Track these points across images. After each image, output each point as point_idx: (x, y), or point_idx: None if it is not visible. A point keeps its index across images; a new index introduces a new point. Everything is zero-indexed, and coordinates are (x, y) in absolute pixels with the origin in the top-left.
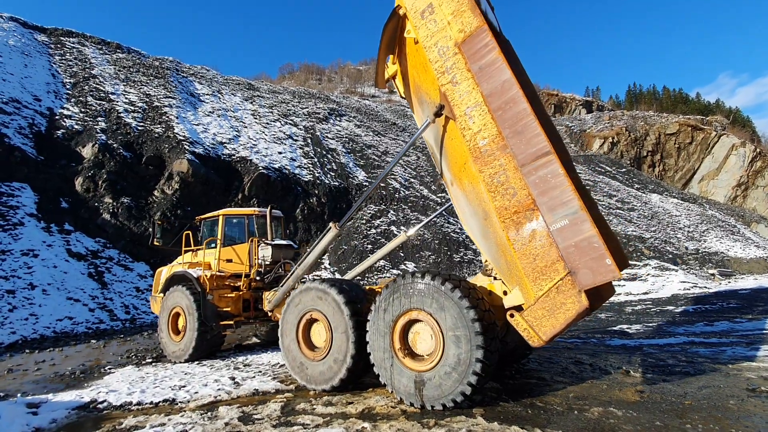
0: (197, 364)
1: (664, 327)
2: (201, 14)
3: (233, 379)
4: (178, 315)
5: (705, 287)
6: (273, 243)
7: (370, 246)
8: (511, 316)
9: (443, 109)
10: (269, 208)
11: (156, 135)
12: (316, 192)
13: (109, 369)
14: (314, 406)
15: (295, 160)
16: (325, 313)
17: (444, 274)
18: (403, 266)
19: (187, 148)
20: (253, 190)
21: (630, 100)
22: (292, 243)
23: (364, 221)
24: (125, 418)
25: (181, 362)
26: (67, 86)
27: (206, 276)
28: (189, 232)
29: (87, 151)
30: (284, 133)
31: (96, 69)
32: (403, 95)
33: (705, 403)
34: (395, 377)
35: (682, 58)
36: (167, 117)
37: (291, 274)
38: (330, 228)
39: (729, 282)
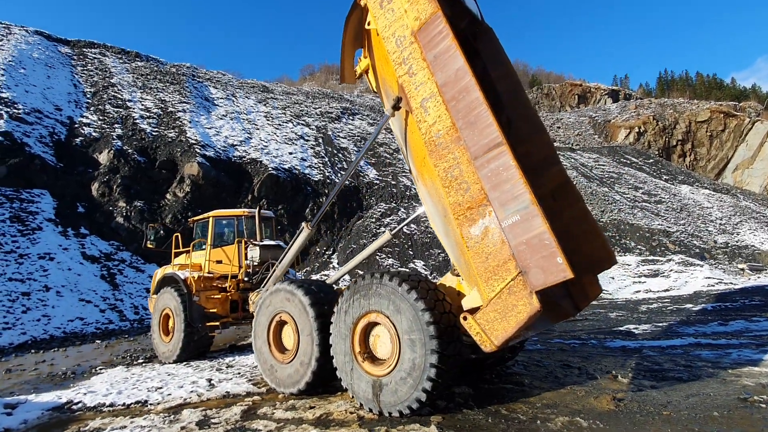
0: (184, 364)
1: (674, 327)
2: (223, 22)
3: (210, 381)
4: (168, 316)
5: (731, 283)
6: (261, 244)
7: None
8: (464, 318)
9: (401, 102)
10: (258, 208)
11: (169, 140)
12: (326, 191)
13: (100, 369)
14: (275, 411)
15: (305, 160)
16: (292, 314)
17: (403, 274)
18: (412, 264)
19: (198, 151)
20: (263, 191)
21: (661, 88)
22: (280, 243)
23: (373, 219)
24: (93, 419)
25: (170, 363)
26: (87, 95)
27: (193, 277)
28: (178, 234)
29: (103, 158)
30: (296, 133)
31: (115, 78)
32: (375, 90)
33: (685, 414)
34: (355, 382)
35: (717, 42)
36: (180, 122)
37: (270, 275)
38: (303, 228)
39: (759, 277)
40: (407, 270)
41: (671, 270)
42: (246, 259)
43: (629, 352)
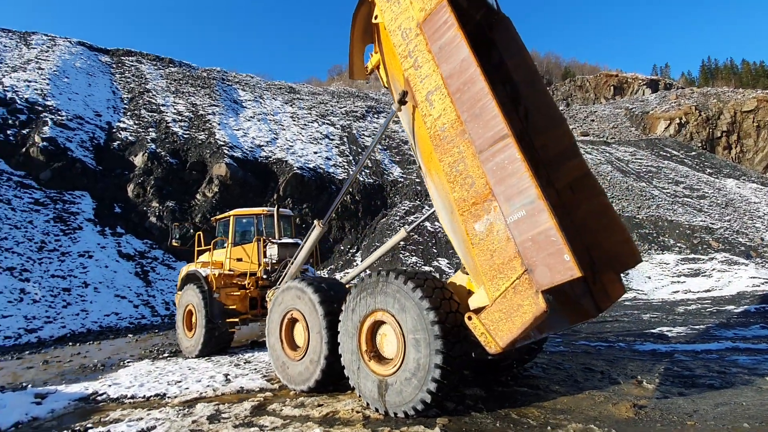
0: (205, 359)
1: (712, 330)
2: (255, 27)
3: (227, 376)
4: (191, 312)
5: None
6: (279, 242)
7: (402, 242)
8: (469, 318)
9: (407, 96)
10: (276, 207)
11: (199, 141)
12: (350, 190)
13: (128, 362)
14: (284, 408)
15: (330, 159)
16: (303, 312)
17: (410, 273)
18: (435, 263)
19: (227, 152)
20: (288, 190)
21: (704, 77)
22: (298, 241)
23: (397, 218)
24: (114, 410)
25: (192, 357)
26: (125, 101)
27: (214, 275)
28: (200, 232)
29: (138, 160)
30: (321, 133)
31: (150, 84)
32: (386, 86)
33: (712, 425)
34: (361, 381)
35: (764, 28)
36: (210, 124)
37: (285, 273)
38: (315, 226)
39: None
40: (416, 269)
41: (713, 269)
42: (265, 257)
43: (659, 356)
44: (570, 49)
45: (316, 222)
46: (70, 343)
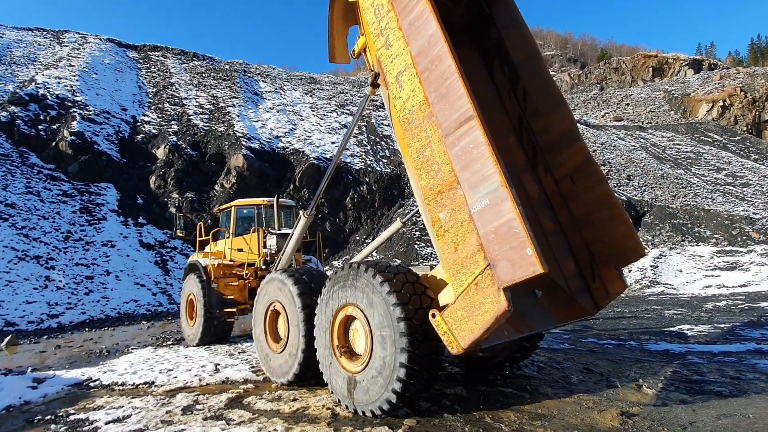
0: (204, 348)
1: (738, 329)
2: (281, 19)
3: (217, 365)
4: (192, 302)
5: None
6: (278, 232)
7: (418, 233)
8: (433, 316)
9: (378, 78)
10: (276, 197)
11: (218, 134)
12: (367, 180)
13: (132, 349)
14: (258, 401)
15: (348, 149)
16: (284, 304)
17: (381, 266)
18: None
19: (244, 144)
20: (304, 181)
21: (753, 56)
22: None
23: (415, 208)
24: (101, 397)
25: (193, 345)
26: (149, 95)
27: (213, 265)
28: (201, 223)
29: (160, 152)
30: (339, 123)
31: (174, 77)
32: (372, 69)
33: None
34: (333, 377)
35: None
36: (229, 116)
37: (276, 265)
38: (300, 216)
39: None
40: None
41: (751, 262)
42: (264, 247)
43: (670, 357)
44: (607, 29)
45: (301, 212)
46: (87, 329)
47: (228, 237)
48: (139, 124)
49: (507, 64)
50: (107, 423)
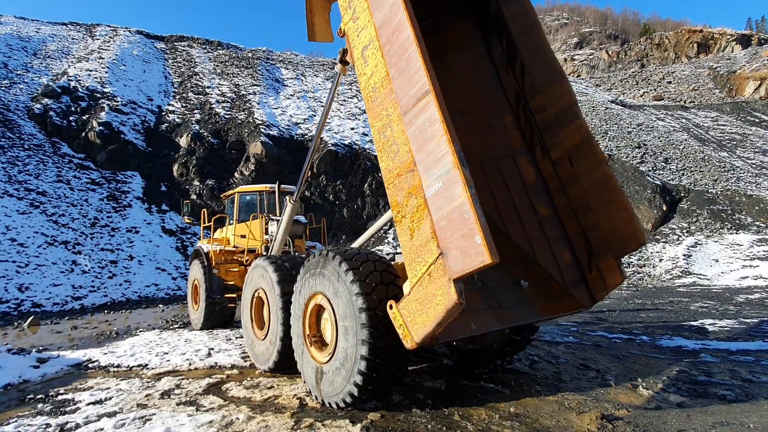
0: (207, 332)
1: (765, 325)
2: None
3: (211, 350)
4: (196, 287)
5: None
6: (279, 218)
7: None
8: (390, 307)
9: (347, 54)
10: (278, 183)
11: (239, 121)
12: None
13: (139, 331)
14: (235, 388)
15: (366, 135)
16: (266, 291)
17: (349, 253)
18: None
19: (263, 131)
20: (322, 167)
21: None
22: (300, 218)
23: None
24: (94, 378)
25: (197, 330)
26: (175, 85)
27: (214, 251)
28: (205, 209)
29: (183, 141)
30: (359, 108)
31: (198, 67)
32: None
33: None
34: (304, 366)
35: None
36: (250, 104)
37: (270, 251)
38: (287, 203)
39: None
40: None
41: None
42: (266, 233)
43: (681, 354)
44: (651, 3)
45: (287, 198)
46: (106, 311)
47: (231, 223)
48: (164, 113)
49: (505, 37)
50: (88, 404)
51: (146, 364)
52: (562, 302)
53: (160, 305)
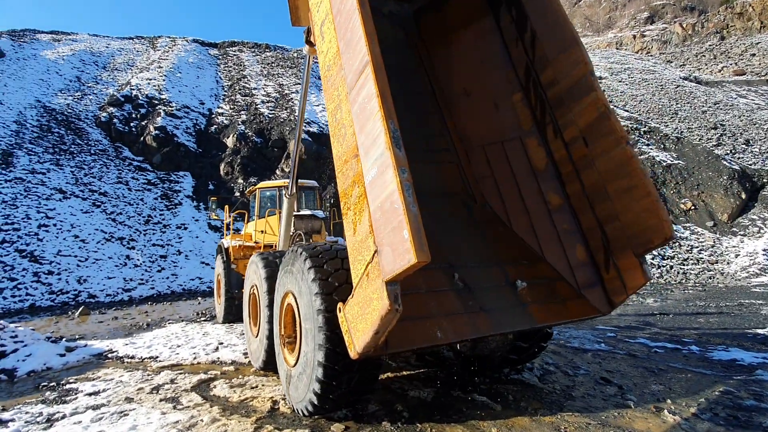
0: (227, 325)
1: None
2: None
3: (221, 344)
4: (219, 281)
5: None
6: (296, 214)
7: None
8: (339, 310)
9: (311, 35)
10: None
11: (281, 120)
12: None
13: (168, 323)
14: (221, 386)
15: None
16: (257, 287)
17: (317, 250)
18: None
19: (303, 128)
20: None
21: None
22: (315, 213)
23: None
24: (107, 368)
25: (220, 323)
26: (225, 89)
27: (234, 247)
28: (227, 206)
29: (230, 141)
30: None
31: (246, 70)
32: None
33: None
34: (279, 368)
35: None
36: (292, 102)
37: (276, 248)
38: (283, 198)
39: None
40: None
41: None
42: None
43: (733, 370)
44: None
45: (283, 192)
46: (150, 303)
47: (253, 219)
48: (213, 115)
49: (514, 4)
50: (86, 395)
51: (157, 356)
52: (569, 307)
53: (200, 298)
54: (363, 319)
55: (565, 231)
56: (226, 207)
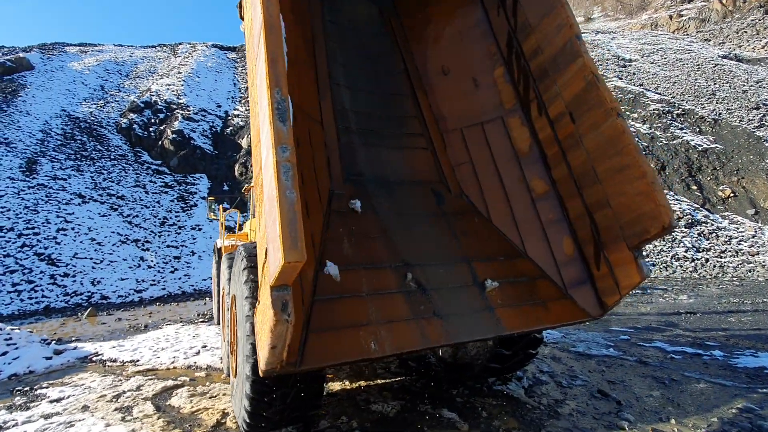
0: (220, 327)
1: None
2: None
3: (203, 348)
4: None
5: None
6: None
7: None
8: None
9: (242, 9)
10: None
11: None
12: None
13: (165, 325)
14: (181, 395)
15: None
16: (224, 288)
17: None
18: None
19: None
20: None
21: None
22: None
23: None
24: (85, 372)
25: (216, 324)
26: (242, 91)
27: (225, 246)
28: (221, 206)
29: (244, 142)
30: None
31: None
32: None
33: None
34: (231, 378)
35: None
36: None
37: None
38: None
39: None
40: None
41: None
42: None
43: (759, 380)
44: None
45: None
46: (157, 303)
47: (248, 218)
48: (229, 117)
49: None
50: (49, 401)
51: (138, 360)
52: (551, 310)
53: (207, 298)
54: (262, 331)
55: (550, 221)
56: (221, 207)
